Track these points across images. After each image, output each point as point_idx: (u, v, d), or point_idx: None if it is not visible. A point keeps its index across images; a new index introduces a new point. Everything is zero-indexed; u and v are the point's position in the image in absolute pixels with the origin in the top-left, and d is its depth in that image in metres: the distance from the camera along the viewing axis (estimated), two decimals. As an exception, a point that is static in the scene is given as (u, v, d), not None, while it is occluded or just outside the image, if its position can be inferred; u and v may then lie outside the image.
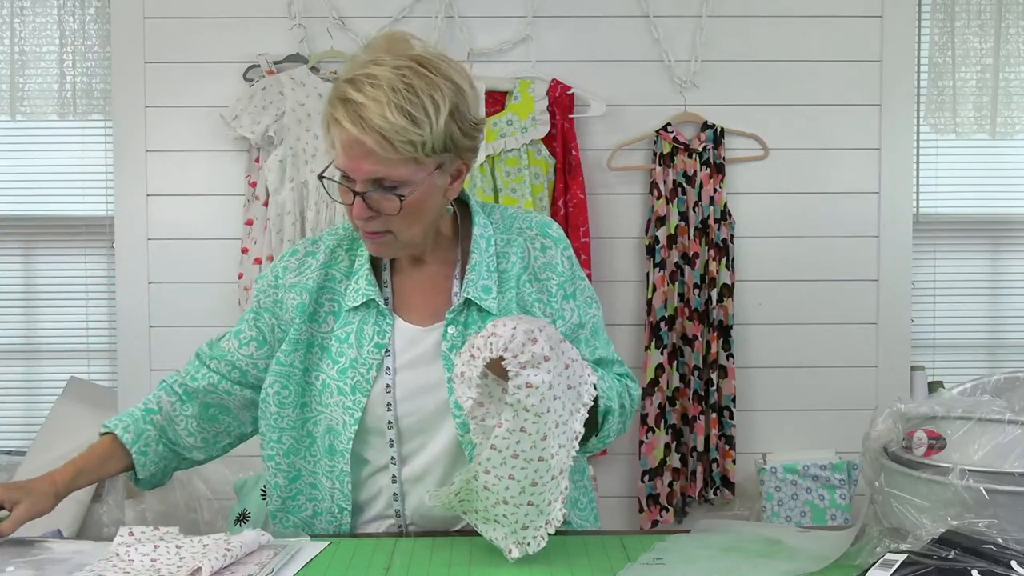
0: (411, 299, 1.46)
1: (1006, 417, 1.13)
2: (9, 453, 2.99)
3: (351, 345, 1.42)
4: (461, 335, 1.40)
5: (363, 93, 1.27)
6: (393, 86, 1.27)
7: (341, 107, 1.29)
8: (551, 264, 1.46)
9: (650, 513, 2.74)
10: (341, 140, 1.30)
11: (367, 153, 1.28)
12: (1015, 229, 3.06)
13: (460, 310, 1.42)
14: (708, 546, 1.31)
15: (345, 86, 1.29)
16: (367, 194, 1.32)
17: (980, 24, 2.93)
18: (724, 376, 2.74)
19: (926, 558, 1.06)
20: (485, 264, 1.43)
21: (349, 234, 1.51)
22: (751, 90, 2.79)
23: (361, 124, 1.27)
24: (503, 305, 1.42)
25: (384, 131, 1.26)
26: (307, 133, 2.67)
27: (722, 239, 2.75)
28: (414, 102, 1.28)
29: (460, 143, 1.35)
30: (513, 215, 1.51)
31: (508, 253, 1.46)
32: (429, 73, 1.30)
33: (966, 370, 3.03)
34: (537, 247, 1.47)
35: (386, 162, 1.29)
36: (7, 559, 1.27)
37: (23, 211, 3.02)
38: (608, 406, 1.38)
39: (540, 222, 1.50)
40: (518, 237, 1.47)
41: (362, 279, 1.44)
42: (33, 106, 2.92)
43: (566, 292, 1.47)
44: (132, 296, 2.77)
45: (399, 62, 1.30)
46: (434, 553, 1.31)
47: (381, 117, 1.26)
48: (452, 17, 2.74)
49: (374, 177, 1.31)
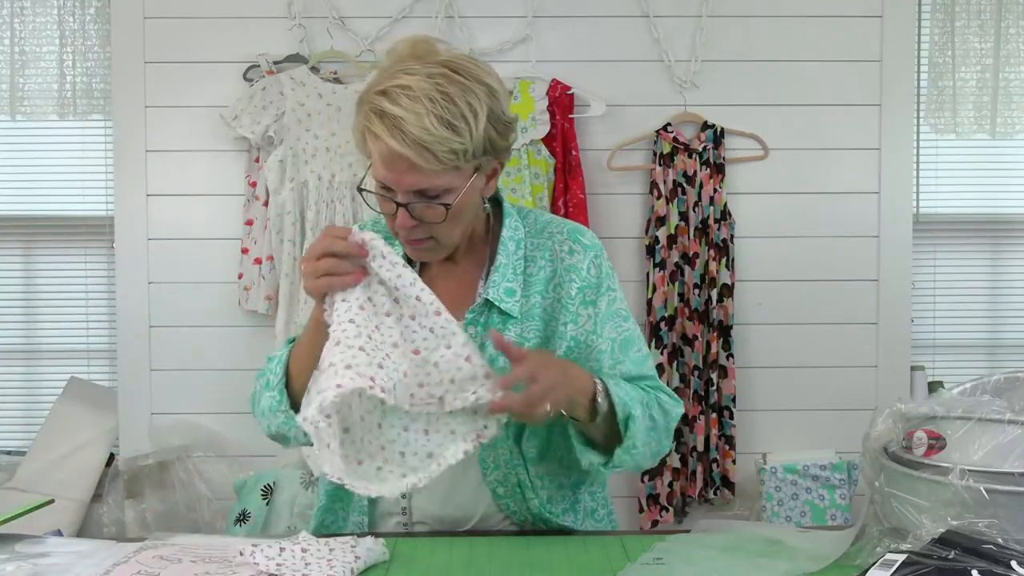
0: (440, 296, 1.44)
1: (1006, 417, 1.13)
2: (9, 453, 2.99)
3: None
4: (479, 336, 1.39)
5: (400, 105, 1.24)
6: (430, 96, 1.25)
7: (378, 121, 1.26)
8: (575, 267, 1.43)
9: (650, 513, 2.74)
10: (381, 154, 1.28)
11: (410, 166, 1.26)
12: (1015, 229, 3.07)
13: (480, 311, 1.41)
14: (708, 546, 1.31)
15: (379, 98, 1.26)
16: (411, 205, 1.30)
17: (980, 24, 2.93)
18: (724, 376, 2.74)
19: (926, 558, 1.06)
20: (512, 266, 1.42)
21: (384, 228, 1.50)
22: (751, 90, 2.79)
23: (402, 137, 1.24)
24: (526, 309, 1.41)
25: (426, 143, 1.24)
26: (307, 133, 2.67)
27: (722, 239, 2.75)
28: (452, 111, 1.26)
29: (497, 144, 1.34)
30: (548, 220, 1.49)
31: (536, 257, 1.44)
32: (462, 79, 1.28)
33: (966, 370, 3.03)
34: (565, 251, 1.45)
35: (429, 173, 1.27)
36: (7, 559, 1.27)
37: (23, 211, 3.02)
38: (628, 412, 1.33)
39: (572, 228, 1.48)
40: (547, 241, 1.45)
41: None
42: (33, 106, 2.92)
43: (585, 297, 1.43)
44: (132, 296, 2.77)
45: (431, 69, 1.27)
46: (434, 553, 1.30)
47: (422, 129, 1.24)
48: (452, 17, 2.74)
49: (417, 188, 1.29)
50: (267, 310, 2.70)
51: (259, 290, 2.70)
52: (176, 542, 1.31)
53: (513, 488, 1.42)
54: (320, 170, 2.66)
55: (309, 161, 2.67)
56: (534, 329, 1.41)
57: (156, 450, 2.71)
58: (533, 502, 1.43)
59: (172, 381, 2.78)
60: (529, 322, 1.41)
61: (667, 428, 1.43)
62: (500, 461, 1.40)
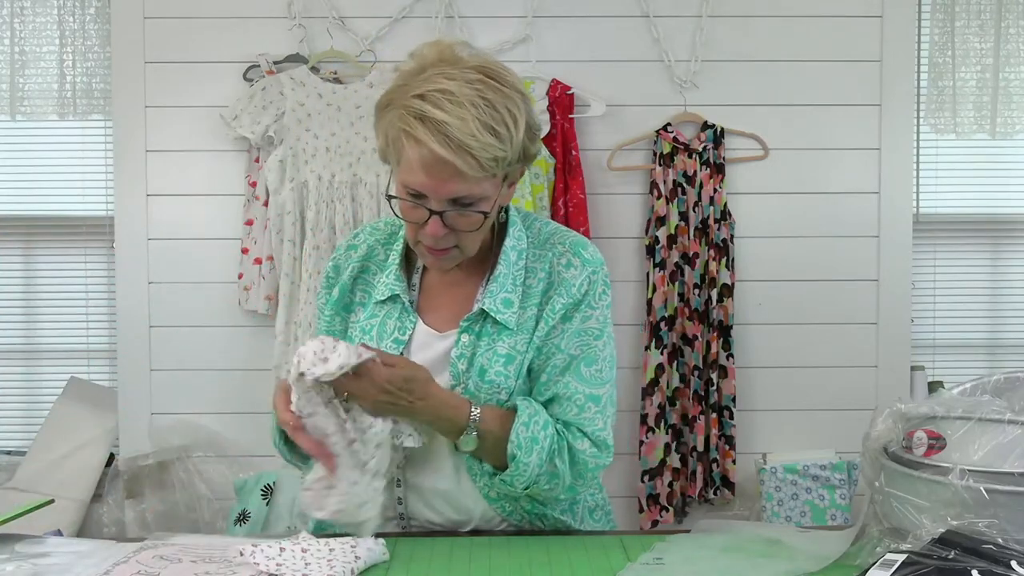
0: (436, 301, 1.45)
1: (1006, 417, 1.13)
2: (9, 453, 2.99)
3: (372, 338, 1.43)
4: (472, 345, 1.38)
5: (443, 110, 1.23)
6: (473, 101, 1.24)
7: (421, 125, 1.23)
8: (567, 282, 1.39)
9: (650, 513, 2.74)
10: (422, 160, 1.25)
11: (454, 172, 1.25)
12: (1015, 229, 3.07)
13: (475, 320, 1.39)
14: (708, 546, 1.31)
15: (419, 102, 1.24)
16: (445, 213, 1.29)
17: (980, 24, 2.93)
18: (724, 376, 2.74)
19: (926, 558, 1.06)
20: (512, 277, 1.40)
21: (388, 228, 1.51)
22: (751, 90, 2.79)
23: (447, 142, 1.23)
24: (522, 321, 1.38)
25: (473, 149, 1.23)
26: (307, 133, 2.67)
27: (722, 239, 2.75)
28: (496, 117, 1.25)
29: (529, 151, 1.34)
30: (553, 231, 1.46)
31: (536, 268, 1.41)
32: (500, 85, 1.28)
33: (966, 370, 3.03)
34: (563, 264, 1.41)
35: (470, 180, 1.26)
36: (7, 559, 1.27)
37: (23, 211, 3.02)
38: (514, 454, 1.32)
39: (575, 241, 1.44)
40: (548, 252, 1.42)
41: (392, 274, 1.44)
42: (33, 106, 2.92)
43: (567, 313, 1.39)
44: (132, 296, 2.77)
45: (468, 75, 1.26)
46: (434, 553, 1.30)
47: (469, 135, 1.23)
48: (452, 17, 2.74)
49: (455, 196, 1.28)
50: (267, 310, 2.70)
51: (259, 290, 2.70)
52: (176, 542, 1.31)
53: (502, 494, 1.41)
54: (320, 170, 2.66)
55: (309, 161, 2.67)
56: (525, 342, 1.38)
57: (156, 450, 2.71)
58: (525, 504, 1.43)
59: (172, 381, 2.78)
60: (523, 335, 1.38)
61: (578, 474, 1.38)
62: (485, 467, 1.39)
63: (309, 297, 2.62)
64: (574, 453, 1.37)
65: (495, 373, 1.36)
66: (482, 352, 1.38)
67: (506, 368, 1.37)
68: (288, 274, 2.65)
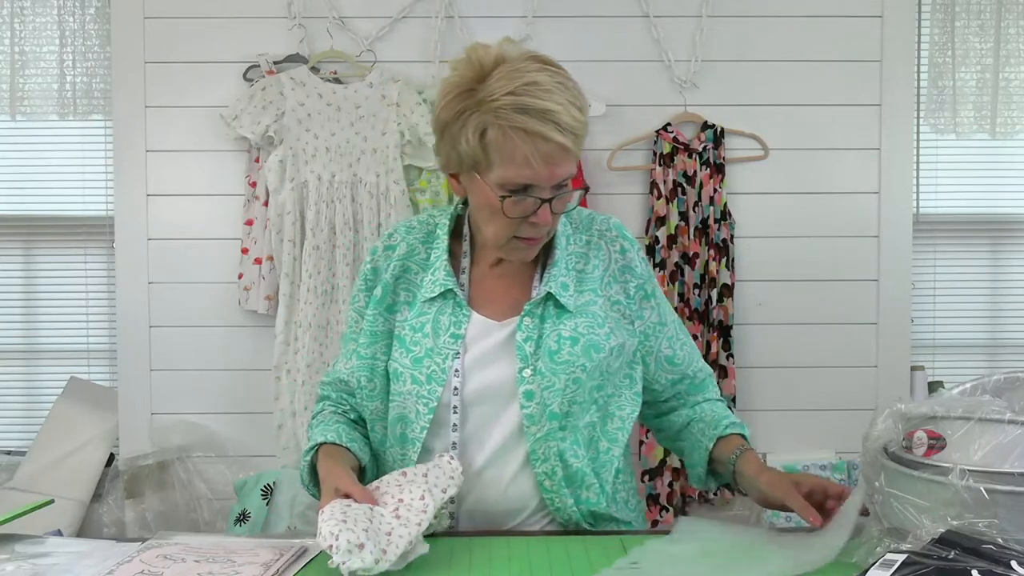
0: (489, 293, 1.49)
1: (1006, 417, 1.13)
2: (9, 453, 2.99)
3: (427, 335, 1.44)
4: (537, 328, 1.43)
5: (544, 100, 1.30)
6: (561, 85, 1.33)
7: (529, 118, 1.30)
8: (630, 266, 1.51)
9: (650, 513, 2.74)
10: (537, 151, 1.31)
11: (566, 156, 1.34)
12: (1015, 229, 3.07)
13: (539, 303, 1.44)
14: (685, 551, 1.30)
15: (514, 98, 1.30)
16: (555, 198, 1.36)
17: (980, 24, 2.93)
18: (724, 376, 2.74)
19: (926, 558, 1.06)
20: (565, 262, 1.47)
21: (424, 228, 1.53)
22: (751, 90, 2.79)
23: (558, 129, 1.31)
24: (580, 304, 1.45)
25: (576, 130, 1.33)
26: (307, 133, 2.67)
27: (722, 239, 2.75)
28: (578, 96, 1.35)
29: None
30: (590, 216, 1.55)
31: (589, 255, 1.50)
32: (558, 69, 1.36)
33: (966, 370, 3.03)
34: (617, 249, 1.51)
35: (573, 159, 1.36)
36: (7, 559, 1.27)
37: (23, 211, 3.02)
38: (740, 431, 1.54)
39: (616, 223, 1.54)
40: (599, 240, 1.51)
41: (440, 270, 1.46)
42: (33, 106, 2.92)
43: (645, 292, 1.52)
44: (132, 296, 2.77)
45: (534, 66, 1.34)
46: (434, 553, 1.30)
47: (572, 118, 1.31)
48: (452, 17, 2.74)
49: (563, 179, 1.36)
50: (267, 310, 2.70)
51: (259, 290, 2.70)
52: (179, 541, 1.31)
53: (559, 482, 1.42)
54: (320, 170, 2.66)
55: (309, 161, 2.67)
56: (586, 325, 1.43)
57: (156, 450, 2.71)
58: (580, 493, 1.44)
59: (172, 381, 2.78)
60: (582, 318, 1.44)
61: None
62: (549, 453, 1.41)
63: (309, 297, 2.62)
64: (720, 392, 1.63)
65: (568, 353, 1.41)
66: (547, 334, 1.42)
67: (574, 348, 1.42)
68: (288, 274, 2.65)
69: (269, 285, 2.70)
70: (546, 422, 1.40)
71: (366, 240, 2.65)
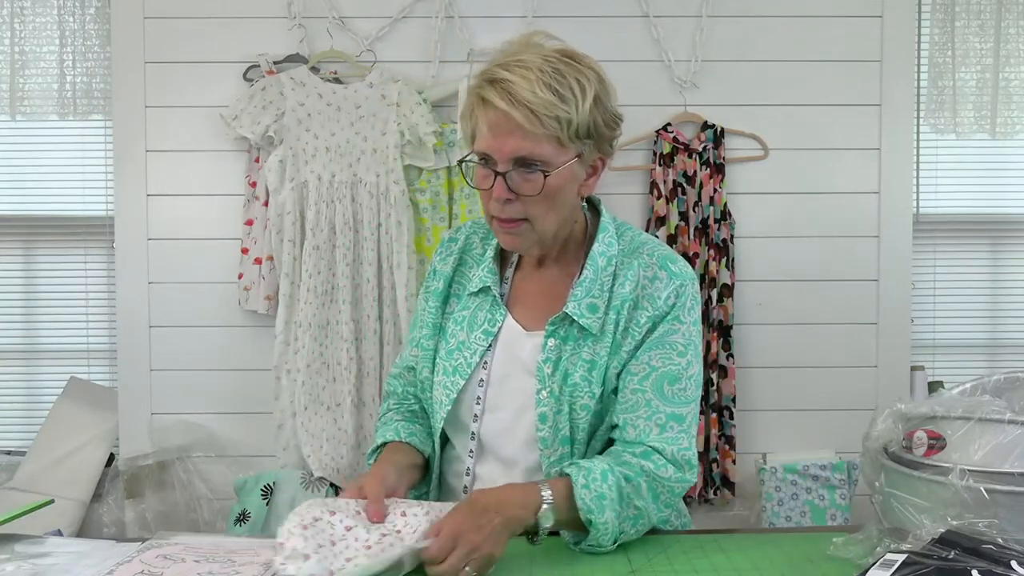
0: (526, 299, 1.48)
1: (1006, 417, 1.13)
2: (9, 453, 2.99)
3: (463, 328, 1.46)
4: (558, 349, 1.40)
5: (512, 72, 1.31)
6: (541, 68, 1.32)
7: (490, 87, 1.32)
8: (653, 295, 1.40)
9: (650, 513, 2.73)
10: (488, 120, 1.32)
11: (515, 127, 1.31)
12: (1015, 229, 3.07)
13: (560, 323, 1.41)
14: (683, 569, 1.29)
15: (494, 69, 1.34)
16: (508, 174, 1.34)
17: (980, 24, 2.93)
18: (724, 376, 2.74)
19: (926, 558, 1.06)
20: (599, 282, 1.41)
21: (483, 228, 1.55)
22: (751, 90, 2.79)
23: (510, 99, 1.30)
24: (605, 326, 1.39)
25: (532, 104, 1.30)
26: (307, 133, 2.67)
27: (722, 239, 2.75)
28: (561, 82, 1.32)
29: (602, 132, 1.39)
30: (644, 241, 1.48)
31: (622, 276, 1.42)
32: (575, 62, 1.36)
33: (966, 370, 3.03)
34: (649, 275, 1.42)
35: (532, 137, 1.31)
36: (7, 559, 1.27)
37: (23, 211, 3.02)
38: (589, 519, 1.28)
39: (665, 254, 1.45)
40: (635, 260, 1.43)
41: (486, 267, 1.47)
42: (33, 106, 2.92)
43: (653, 325, 1.39)
44: (132, 296, 2.77)
45: (547, 54, 1.35)
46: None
47: (530, 92, 1.30)
48: (452, 17, 2.74)
49: (518, 155, 1.33)
50: (267, 310, 2.70)
51: (259, 290, 2.70)
52: (179, 541, 1.31)
53: None
54: (320, 170, 2.66)
55: (309, 161, 2.67)
56: (605, 347, 1.39)
57: (156, 450, 2.71)
58: None
59: (172, 381, 2.78)
60: (605, 340, 1.39)
61: (664, 504, 1.36)
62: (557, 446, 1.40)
63: (309, 297, 2.62)
64: (657, 483, 1.34)
65: (580, 378, 1.38)
66: (567, 357, 1.40)
67: (589, 374, 1.38)
68: (288, 274, 2.65)
69: (269, 285, 2.70)
70: (559, 446, 1.39)
71: (366, 240, 2.65)
